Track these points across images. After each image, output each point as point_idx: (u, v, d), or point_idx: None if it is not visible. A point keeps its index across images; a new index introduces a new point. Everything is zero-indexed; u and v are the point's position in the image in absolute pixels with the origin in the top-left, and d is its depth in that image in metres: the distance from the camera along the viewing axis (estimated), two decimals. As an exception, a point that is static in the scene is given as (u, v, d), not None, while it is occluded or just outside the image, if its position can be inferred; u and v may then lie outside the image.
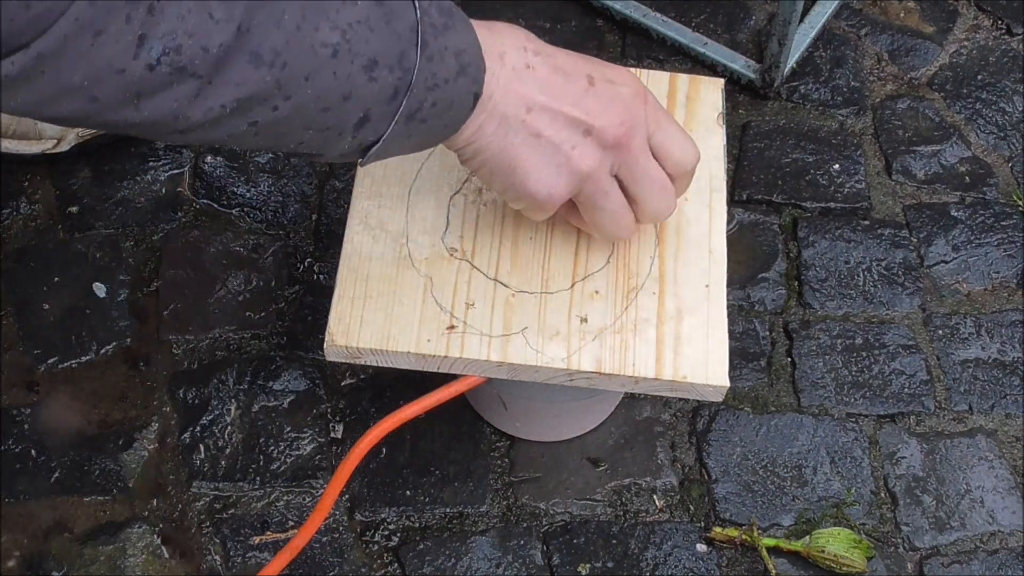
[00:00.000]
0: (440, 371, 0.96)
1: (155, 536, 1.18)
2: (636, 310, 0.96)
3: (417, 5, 0.73)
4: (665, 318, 0.96)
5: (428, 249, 0.99)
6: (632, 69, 1.11)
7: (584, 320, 0.96)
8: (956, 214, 1.43)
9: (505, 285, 0.97)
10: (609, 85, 0.85)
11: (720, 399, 0.96)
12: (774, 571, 1.18)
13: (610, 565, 1.19)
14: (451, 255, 0.98)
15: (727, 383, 0.94)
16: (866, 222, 1.41)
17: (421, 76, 0.74)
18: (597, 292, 0.97)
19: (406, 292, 0.96)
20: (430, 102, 0.76)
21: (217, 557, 1.17)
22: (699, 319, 0.96)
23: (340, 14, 0.69)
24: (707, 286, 0.98)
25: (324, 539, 1.18)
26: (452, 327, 0.95)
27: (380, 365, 0.95)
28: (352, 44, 0.70)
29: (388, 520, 1.20)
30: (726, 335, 0.96)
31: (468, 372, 0.96)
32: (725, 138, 1.07)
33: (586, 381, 0.95)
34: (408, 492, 1.21)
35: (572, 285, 0.98)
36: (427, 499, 1.21)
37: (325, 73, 0.70)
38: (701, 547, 1.20)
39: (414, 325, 0.94)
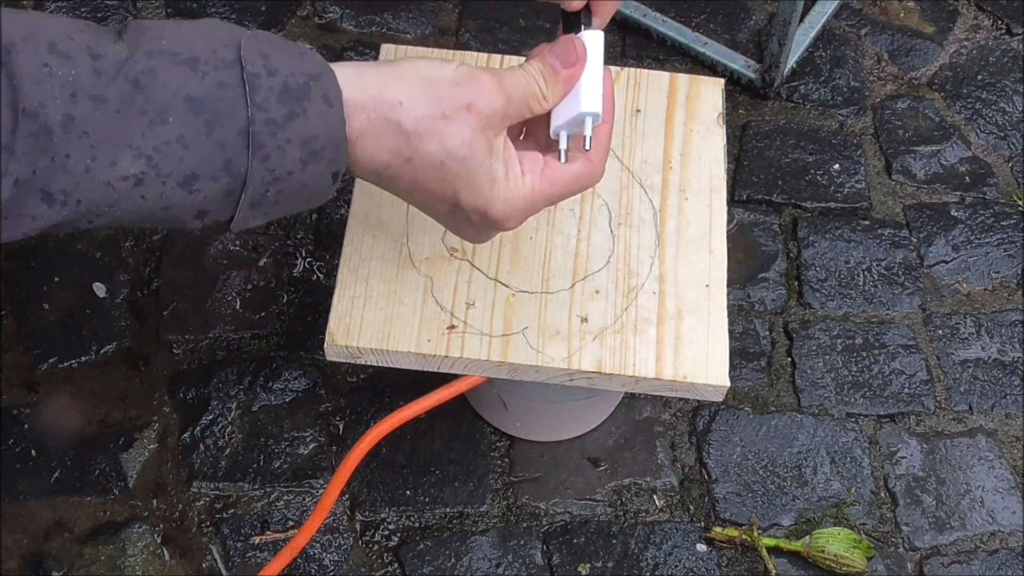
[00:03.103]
0: (440, 371, 0.96)
1: (155, 536, 1.18)
2: (636, 310, 0.96)
3: (249, 103, 0.68)
4: (665, 318, 0.96)
5: (428, 249, 0.99)
6: (632, 69, 1.11)
7: (584, 320, 0.96)
8: (956, 214, 1.43)
9: (505, 285, 0.97)
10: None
11: (720, 399, 0.96)
12: (774, 571, 1.18)
13: (610, 565, 1.18)
14: (451, 255, 0.98)
15: (727, 383, 0.94)
16: (866, 222, 1.41)
17: (256, 175, 0.69)
18: (597, 292, 0.97)
19: (406, 292, 0.96)
20: (275, 191, 0.71)
21: (217, 557, 1.17)
22: (699, 319, 0.96)
23: (146, 138, 0.65)
24: (707, 286, 0.98)
25: (324, 539, 1.18)
26: (452, 327, 0.95)
27: (380, 365, 0.95)
28: (161, 168, 0.66)
29: (388, 520, 1.20)
30: (726, 335, 0.96)
31: (468, 372, 0.96)
32: (725, 138, 1.08)
33: (586, 381, 0.95)
34: (408, 492, 1.21)
35: (572, 285, 0.97)
36: (427, 499, 1.21)
37: (130, 200, 0.66)
38: (701, 547, 1.20)
39: (414, 325, 0.94)
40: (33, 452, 1.21)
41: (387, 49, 1.11)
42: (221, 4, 1.54)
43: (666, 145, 1.06)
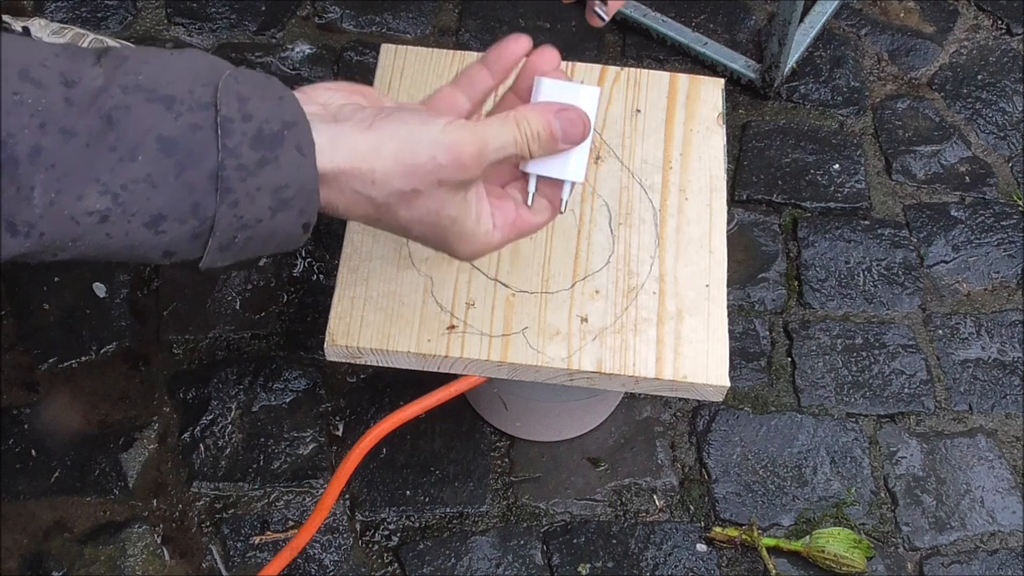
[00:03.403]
0: (440, 371, 0.96)
1: (155, 536, 1.18)
2: (636, 310, 0.96)
3: (220, 147, 0.66)
4: (665, 318, 0.96)
5: (428, 249, 0.98)
6: (632, 69, 1.11)
7: (584, 320, 0.95)
8: (956, 214, 1.43)
9: (505, 285, 0.97)
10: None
11: (720, 399, 0.96)
12: (774, 571, 1.18)
13: (610, 565, 1.18)
14: (451, 255, 0.98)
15: (727, 383, 0.94)
16: (866, 222, 1.41)
17: (225, 220, 0.68)
18: (597, 292, 0.97)
19: (406, 292, 0.96)
20: (244, 237, 0.70)
21: (217, 557, 1.17)
22: (699, 319, 0.96)
23: (114, 175, 0.64)
24: (707, 286, 0.98)
25: (324, 539, 1.18)
26: (452, 327, 0.95)
27: (380, 365, 0.95)
28: (127, 206, 0.65)
29: (388, 520, 1.20)
30: (726, 335, 0.96)
31: (468, 372, 0.96)
32: (725, 138, 1.07)
33: (586, 381, 0.95)
34: (408, 492, 1.21)
35: (572, 285, 0.97)
36: (427, 499, 1.21)
37: (95, 236, 0.66)
38: (701, 547, 1.20)
39: (414, 325, 0.94)
40: (33, 452, 1.21)
41: (387, 49, 1.11)
42: (221, 4, 1.54)
43: (666, 145, 1.06)
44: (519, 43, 0.82)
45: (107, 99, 0.65)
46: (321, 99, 0.75)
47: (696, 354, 0.95)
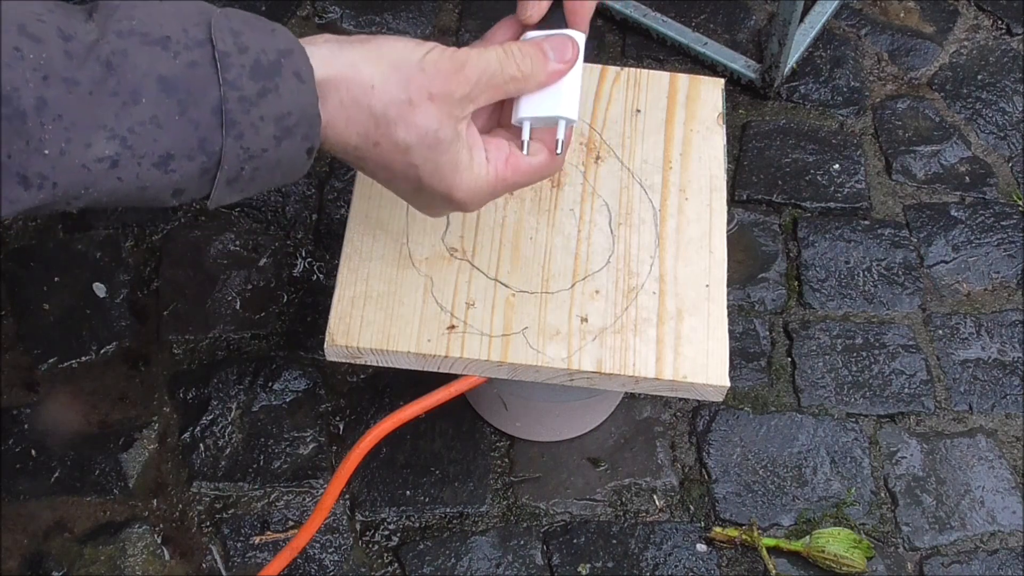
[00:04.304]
0: (440, 371, 0.96)
1: (155, 536, 1.18)
2: (636, 310, 0.96)
3: (221, 81, 0.68)
4: (665, 318, 0.96)
5: (428, 249, 0.98)
6: (632, 69, 1.11)
7: (584, 320, 0.95)
8: (956, 214, 1.43)
9: (505, 285, 0.97)
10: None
11: (720, 399, 0.96)
12: (774, 571, 1.18)
13: (610, 565, 1.18)
14: (451, 255, 0.98)
15: (728, 383, 0.94)
16: (866, 222, 1.41)
17: (231, 153, 0.69)
18: (597, 292, 0.97)
19: (406, 292, 0.96)
20: (250, 168, 0.71)
21: (217, 557, 1.17)
22: (699, 319, 0.96)
23: (119, 119, 0.65)
24: (707, 286, 0.98)
25: (324, 539, 1.18)
26: (452, 327, 0.95)
27: (380, 365, 0.95)
28: (136, 148, 0.66)
29: (388, 520, 1.20)
30: (727, 335, 0.96)
31: (468, 372, 0.96)
32: (725, 138, 1.07)
33: (586, 381, 0.95)
34: (408, 492, 1.21)
35: (572, 285, 0.97)
36: (427, 499, 1.21)
37: (107, 182, 0.67)
38: (701, 547, 1.20)
39: (414, 325, 0.94)
40: (33, 452, 1.21)
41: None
42: (221, 4, 1.54)
43: (666, 145, 1.06)
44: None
45: (104, 46, 0.65)
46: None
47: (696, 354, 0.95)
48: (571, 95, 0.82)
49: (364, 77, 0.74)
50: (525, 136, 0.82)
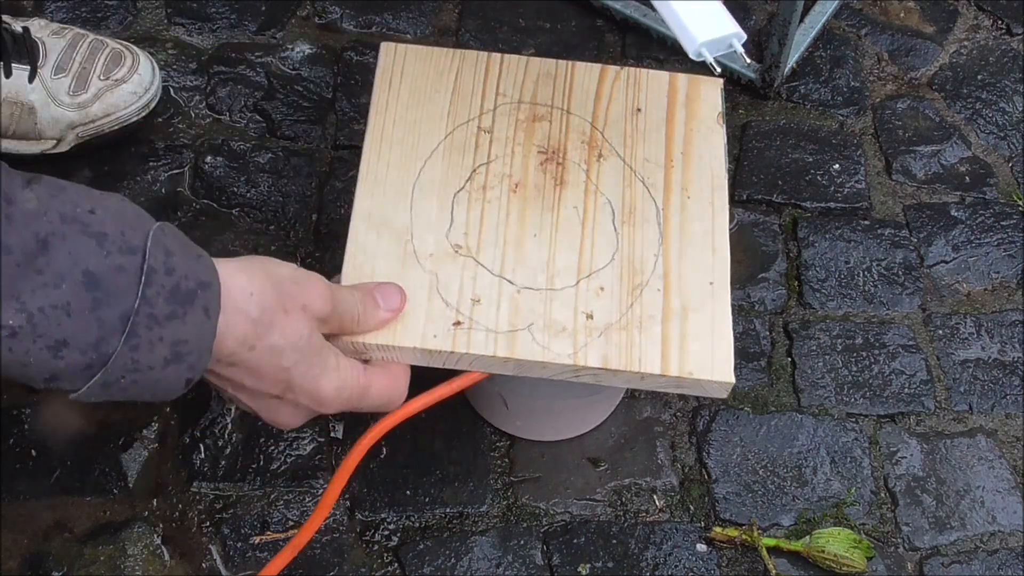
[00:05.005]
0: (446, 367, 0.96)
1: (155, 536, 1.18)
2: (641, 307, 0.96)
3: (140, 294, 0.70)
4: (670, 315, 0.96)
5: (433, 246, 0.98)
6: (632, 69, 1.11)
7: (590, 316, 0.96)
8: (956, 214, 1.43)
9: (510, 282, 0.97)
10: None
11: (725, 395, 0.96)
12: (774, 571, 1.18)
13: (610, 565, 1.18)
14: (456, 252, 0.98)
15: (732, 379, 0.94)
16: (866, 222, 1.41)
17: (121, 361, 0.71)
18: (602, 289, 0.97)
19: (412, 289, 0.96)
20: (130, 380, 0.73)
21: (217, 557, 1.17)
22: (704, 316, 0.96)
23: (34, 297, 0.67)
24: (711, 283, 0.98)
25: (324, 539, 1.18)
26: (458, 323, 0.95)
27: (385, 361, 0.95)
28: (38, 327, 0.68)
29: (388, 520, 1.20)
30: (731, 332, 0.96)
31: (474, 368, 0.96)
32: (725, 137, 1.08)
33: (592, 377, 0.95)
34: (408, 492, 1.21)
35: (577, 282, 0.98)
36: (427, 499, 1.21)
37: None
38: (701, 547, 1.20)
39: (420, 321, 0.94)
40: (33, 452, 1.21)
41: (387, 48, 1.11)
42: (221, 4, 1.54)
43: (667, 144, 1.07)
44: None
45: (45, 224, 0.67)
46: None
47: (701, 350, 0.95)
48: (722, 14, 0.98)
49: (244, 283, 0.79)
50: (709, 59, 0.99)
